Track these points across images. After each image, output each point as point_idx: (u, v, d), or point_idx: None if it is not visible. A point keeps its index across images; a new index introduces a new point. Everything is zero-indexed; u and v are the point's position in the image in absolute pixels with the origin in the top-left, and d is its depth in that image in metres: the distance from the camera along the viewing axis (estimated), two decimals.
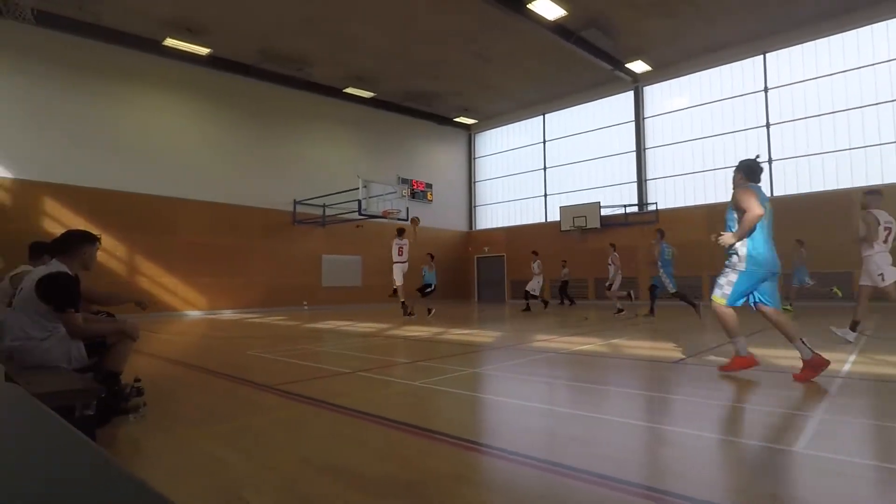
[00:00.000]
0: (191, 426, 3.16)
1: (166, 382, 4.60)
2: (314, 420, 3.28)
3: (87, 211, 13.94)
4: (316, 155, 19.51)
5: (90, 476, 0.73)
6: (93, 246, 3.50)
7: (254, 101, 17.89)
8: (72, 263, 3.38)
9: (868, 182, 14.98)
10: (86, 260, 3.47)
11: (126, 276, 14.44)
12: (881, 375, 4.41)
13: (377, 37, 15.84)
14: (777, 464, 2.36)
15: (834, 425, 2.95)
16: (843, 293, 12.81)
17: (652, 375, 4.77)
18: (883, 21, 14.90)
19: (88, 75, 14.36)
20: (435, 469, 2.35)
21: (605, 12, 14.63)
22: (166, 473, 2.38)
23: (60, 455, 0.83)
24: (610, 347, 6.58)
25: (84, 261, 3.46)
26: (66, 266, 3.34)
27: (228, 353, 6.82)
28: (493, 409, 3.68)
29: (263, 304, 17.37)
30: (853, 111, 15.41)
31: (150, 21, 14.28)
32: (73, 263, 3.39)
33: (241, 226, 17.12)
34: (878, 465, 2.31)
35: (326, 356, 6.48)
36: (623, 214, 19.73)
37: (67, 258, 3.38)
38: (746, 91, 17.44)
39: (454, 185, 25.03)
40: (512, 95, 21.50)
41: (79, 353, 3.33)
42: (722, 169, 17.81)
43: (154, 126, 15.51)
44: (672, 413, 3.47)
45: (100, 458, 0.77)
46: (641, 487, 2.10)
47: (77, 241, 3.44)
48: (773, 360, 5.30)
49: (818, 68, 16.05)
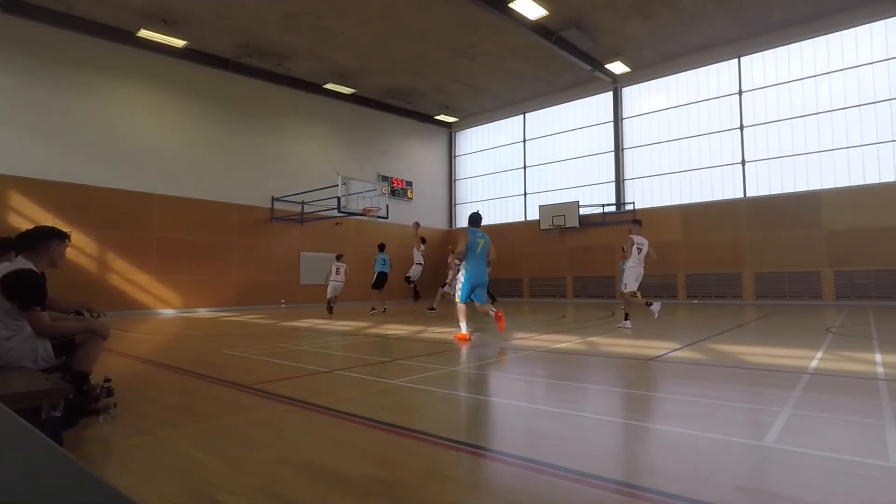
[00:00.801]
0: (164, 427, 3.10)
1: (138, 382, 4.50)
2: (292, 420, 3.25)
3: (55, 206, 13.55)
4: (295, 151, 19.30)
5: (56, 481, 0.70)
6: (62, 243, 3.38)
7: (232, 95, 17.61)
8: (39, 261, 3.26)
9: (836, 184, 15.43)
10: (54, 257, 3.35)
11: (97, 274, 14.10)
12: (846, 371, 4.54)
13: (358, 33, 15.73)
14: (745, 457, 2.41)
15: (801, 420, 3.02)
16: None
17: (627, 373, 4.84)
18: (851, 28, 15.34)
19: (57, 65, 13.93)
20: (414, 467, 2.35)
21: (585, 13, 14.76)
22: (138, 476, 2.33)
23: (24, 459, 0.80)
24: (587, 345, 6.66)
25: (52, 258, 3.34)
26: (33, 263, 3.22)
27: (204, 352, 6.70)
28: (472, 407, 3.69)
29: (240, 303, 17.13)
30: (823, 115, 15.84)
31: (123, 11, 13.92)
32: (41, 261, 3.27)
33: (217, 222, 16.84)
34: (841, 458, 2.38)
35: (304, 355, 6.42)
36: (601, 214, 19.97)
37: (34, 255, 3.26)
38: (722, 93, 17.79)
39: (434, 184, 25.00)
40: (493, 94, 21.55)
41: (46, 352, 3.23)
42: (698, 170, 18.15)
43: (127, 119, 15.14)
44: (646, 409, 3.52)
45: (66, 461, 0.75)
46: (615, 483, 2.13)
47: (45, 237, 3.32)
48: (746, 358, 5.43)
49: (790, 72, 16.46)
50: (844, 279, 14.87)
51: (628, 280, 8.79)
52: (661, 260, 18.07)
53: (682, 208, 18.20)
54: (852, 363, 4.92)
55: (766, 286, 16.29)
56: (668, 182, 18.90)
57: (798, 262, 15.75)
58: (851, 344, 6.15)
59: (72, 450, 2.59)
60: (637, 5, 14.41)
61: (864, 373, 4.43)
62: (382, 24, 15.21)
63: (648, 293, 18.42)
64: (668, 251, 18.29)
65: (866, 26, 15.16)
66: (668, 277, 18.18)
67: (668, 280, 18.20)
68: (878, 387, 3.87)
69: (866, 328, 7.55)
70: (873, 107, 15.04)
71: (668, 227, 18.34)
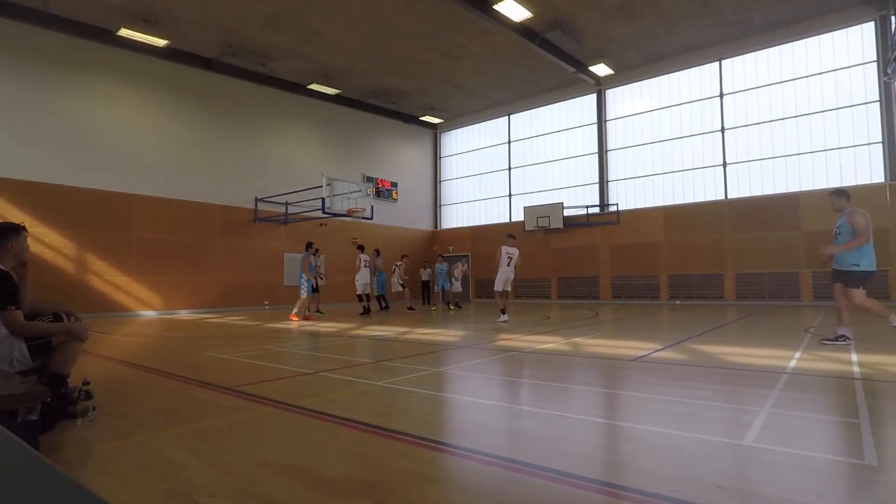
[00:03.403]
0: (144, 429, 3.05)
1: (118, 385, 4.42)
2: (275, 421, 3.22)
3: (32, 206, 13.27)
4: (279, 152, 19.14)
5: (32, 486, 0.69)
6: (18, 236, 3.25)
7: (215, 95, 17.41)
8: (3, 259, 3.16)
9: (814, 186, 15.73)
10: (17, 252, 3.23)
11: (75, 275, 13.83)
12: (824, 371, 4.63)
13: (343, 33, 15.66)
14: (726, 457, 2.45)
15: (780, 419, 3.07)
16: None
17: (611, 373, 4.88)
18: (829, 32, 15.67)
19: (35, 63, 13.65)
20: (398, 469, 2.34)
21: (569, 15, 14.88)
22: (117, 479, 2.29)
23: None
24: (571, 346, 6.70)
25: (15, 254, 3.22)
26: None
27: (185, 353, 6.61)
28: (456, 408, 3.69)
29: (222, 304, 16.93)
30: (802, 118, 16.15)
31: (101, 10, 13.69)
32: (4, 259, 3.17)
33: (199, 223, 16.64)
34: (819, 457, 2.42)
35: (288, 357, 6.37)
36: (585, 215, 20.12)
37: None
38: (704, 96, 18.04)
39: (419, 184, 24.98)
40: (478, 95, 21.61)
41: (21, 354, 3.16)
42: (680, 172, 18.38)
43: (107, 118, 14.89)
44: (629, 410, 3.55)
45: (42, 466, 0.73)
46: (599, 483, 2.14)
47: (1, 233, 3.20)
48: (727, 358, 5.50)
49: (770, 76, 16.75)
50: (823, 280, 15.15)
51: (498, 282, 10.79)
52: (643, 261, 18.42)
53: (665, 209, 18.41)
54: (830, 363, 5.02)
55: (747, 287, 16.55)
56: (650, 183, 19.11)
57: (778, 263, 16.04)
58: (829, 344, 6.26)
59: (49, 454, 2.54)
60: (621, 8, 14.55)
61: (840, 372, 4.52)
62: (367, 24, 15.16)
63: (634, 294, 18.63)
64: (651, 252, 18.52)
65: (843, 31, 15.50)
66: (651, 278, 18.38)
67: (651, 281, 18.40)
68: (854, 386, 3.95)
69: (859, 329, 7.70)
70: (850, 110, 15.37)
71: (651, 228, 18.55)
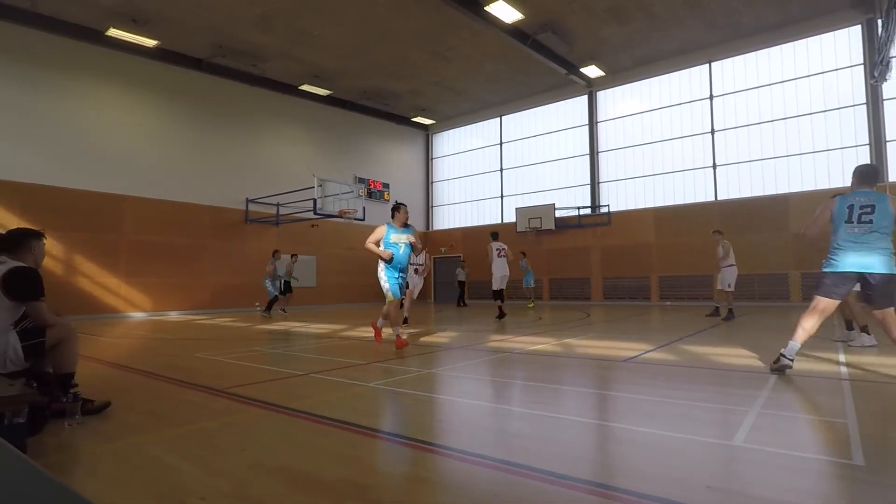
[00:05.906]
0: (134, 432, 3.02)
1: (107, 387, 4.38)
2: (266, 424, 3.20)
3: (21, 208, 13.14)
4: (270, 153, 19.07)
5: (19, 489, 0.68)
6: (40, 241, 3.54)
7: (205, 96, 17.32)
8: (24, 260, 3.37)
9: (803, 188, 15.89)
10: (36, 255, 3.49)
11: (64, 277, 13.70)
12: (812, 372, 4.68)
13: (335, 34, 15.63)
14: (715, 457, 2.47)
15: (769, 419, 3.10)
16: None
17: (602, 374, 4.90)
18: (817, 35, 15.85)
19: (24, 63, 13.53)
20: (391, 471, 2.34)
21: (561, 17, 14.94)
22: (106, 482, 2.27)
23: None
24: (563, 347, 6.72)
25: (35, 257, 3.48)
26: (21, 262, 3.33)
27: (175, 355, 6.56)
28: (449, 409, 3.69)
29: (213, 305, 16.83)
30: (790, 119, 16.31)
31: (90, 10, 13.59)
32: (25, 260, 3.38)
33: (189, 224, 16.53)
34: (807, 457, 2.45)
35: (279, 358, 6.34)
36: (577, 216, 20.20)
37: (19, 255, 3.37)
38: (694, 98, 18.18)
39: (411, 186, 24.97)
40: (470, 96, 21.65)
41: (15, 354, 3.19)
42: (671, 173, 18.50)
43: (96, 119, 14.77)
44: (620, 410, 3.57)
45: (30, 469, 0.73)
46: (590, 484, 2.15)
47: (25, 237, 3.46)
48: (717, 359, 5.54)
49: (759, 78, 16.91)
50: (811, 281, 15.30)
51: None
52: (634, 262, 18.50)
53: (656, 211, 18.53)
54: (818, 363, 5.08)
55: (738, 288, 16.62)
56: (641, 185, 19.22)
57: (767, 265, 16.18)
58: (817, 345, 6.32)
59: (36, 457, 2.51)
60: (612, 11, 14.64)
61: (829, 373, 4.57)
62: (359, 25, 15.15)
63: (625, 295, 18.71)
64: (642, 253, 18.62)
65: (831, 34, 15.69)
66: (642, 280, 18.48)
67: (641, 282, 18.50)
68: (841, 386, 4.00)
69: (830, 330, 7.78)
70: (838, 112, 15.55)
71: (642, 229, 18.66)
